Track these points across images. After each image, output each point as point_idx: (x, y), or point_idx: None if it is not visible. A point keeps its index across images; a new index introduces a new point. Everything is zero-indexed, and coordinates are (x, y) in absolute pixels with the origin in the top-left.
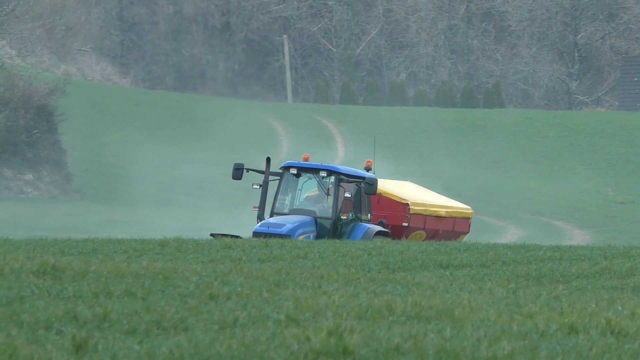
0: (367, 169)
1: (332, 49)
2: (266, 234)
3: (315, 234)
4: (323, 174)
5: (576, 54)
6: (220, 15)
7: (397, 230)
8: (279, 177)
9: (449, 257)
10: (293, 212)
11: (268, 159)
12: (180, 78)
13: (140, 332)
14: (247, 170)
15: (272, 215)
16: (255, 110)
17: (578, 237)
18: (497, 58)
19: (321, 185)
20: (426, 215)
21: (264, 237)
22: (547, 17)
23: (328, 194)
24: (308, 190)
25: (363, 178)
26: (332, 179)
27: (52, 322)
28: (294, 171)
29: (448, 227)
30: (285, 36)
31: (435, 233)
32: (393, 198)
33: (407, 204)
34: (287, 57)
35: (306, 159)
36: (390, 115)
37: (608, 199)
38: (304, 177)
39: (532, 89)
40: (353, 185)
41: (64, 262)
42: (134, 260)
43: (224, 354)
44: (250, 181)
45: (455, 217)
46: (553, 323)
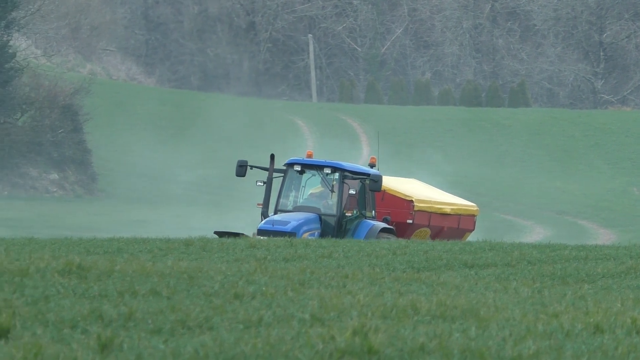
0: (372, 165)
1: (357, 48)
2: (271, 231)
3: (319, 231)
4: (327, 170)
5: (601, 53)
6: (245, 14)
7: (402, 227)
8: (283, 174)
9: (474, 256)
10: (297, 209)
11: (272, 155)
12: (204, 78)
13: (165, 331)
14: (250, 167)
15: (276, 212)
16: (280, 109)
17: (603, 236)
18: (522, 57)
19: (325, 182)
20: (431, 212)
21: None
22: (573, 16)
23: (332, 191)
24: (312, 187)
25: (367, 175)
26: (337, 175)
27: (77, 321)
28: (297, 168)
29: (453, 224)
30: (310, 35)
31: (440, 230)
32: (397, 195)
33: (412, 201)
34: (312, 56)
35: (310, 156)
36: (415, 114)
37: (633, 198)
38: (307, 174)
39: (557, 88)
40: (357, 182)
41: (89, 262)
42: (159, 259)
43: (248, 353)
44: (255, 178)
45: (460, 215)
46: (578, 322)
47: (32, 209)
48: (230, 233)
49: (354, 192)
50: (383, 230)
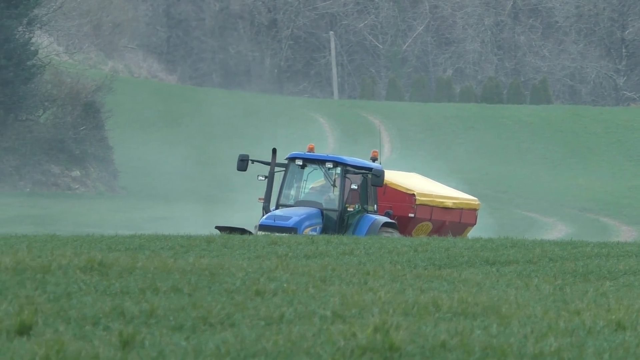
0: (374, 159)
1: (379, 45)
2: (272, 227)
3: (321, 226)
4: (329, 165)
5: (624, 50)
6: (267, 11)
7: (404, 221)
8: (284, 169)
9: (496, 253)
10: (299, 203)
11: (274, 150)
12: (226, 75)
13: (186, 328)
14: (252, 161)
15: (277, 207)
16: (301, 106)
17: (625, 233)
18: (544, 54)
19: (327, 176)
20: (432, 206)
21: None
22: (595, 13)
23: (334, 185)
24: (313, 181)
25: (370, 169)
26: (339, 170)
27: (99, 318)
28: (299, 162)
29: (455, 218)
30: (331, 33)
31: (442, 224)
32: (399, 189)
33: (414, 195)
34: (333, 53)
35: (311, 150)
36: (437, 111)
37: None
38: (309, 168)
39: (579, 85)
40: (359, 176)
41: (111, 258)
42: (181, 256)
43: (270, 349)
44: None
45: (462, 209)
46: (600, 320)
47: (54, 206)
48: (232, 228)
49: (355, 187)
50: (385, 224)
